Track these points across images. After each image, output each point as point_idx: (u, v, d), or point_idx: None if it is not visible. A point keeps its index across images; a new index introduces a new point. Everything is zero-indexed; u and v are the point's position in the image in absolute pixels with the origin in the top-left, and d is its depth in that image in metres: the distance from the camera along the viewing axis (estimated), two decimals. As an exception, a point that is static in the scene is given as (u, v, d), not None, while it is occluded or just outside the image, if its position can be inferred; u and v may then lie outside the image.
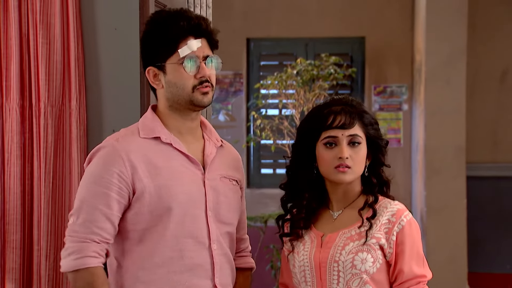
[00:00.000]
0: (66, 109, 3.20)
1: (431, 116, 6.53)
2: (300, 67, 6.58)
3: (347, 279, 2.33)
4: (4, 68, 3.20)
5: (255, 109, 7.20)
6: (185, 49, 2.36)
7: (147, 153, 2.37)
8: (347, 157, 2.38)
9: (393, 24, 7.37)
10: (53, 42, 3.18)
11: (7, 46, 3.19)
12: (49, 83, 3.18)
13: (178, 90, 2.39)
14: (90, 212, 2.32)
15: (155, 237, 2.34)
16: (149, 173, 2.34)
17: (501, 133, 7.15)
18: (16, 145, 3.18)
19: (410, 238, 2.34)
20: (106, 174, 2.33)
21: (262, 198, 7.44)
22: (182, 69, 2.37)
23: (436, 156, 6.48)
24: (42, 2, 3.18)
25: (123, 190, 2.33)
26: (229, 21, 7.25)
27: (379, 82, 7.43)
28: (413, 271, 2.33)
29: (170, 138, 2.40)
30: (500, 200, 7.12)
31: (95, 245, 2.32)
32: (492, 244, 7.05)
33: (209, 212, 2.39)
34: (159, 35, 2.40)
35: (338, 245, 2.35)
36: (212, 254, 2.39)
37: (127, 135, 2.43)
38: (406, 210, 2.39)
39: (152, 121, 2.44)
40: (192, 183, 2.39)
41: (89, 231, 2.32)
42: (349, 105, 2.43)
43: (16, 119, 3.18)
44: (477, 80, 6.99)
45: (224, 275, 2.42)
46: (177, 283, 2.34)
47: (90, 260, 2.30)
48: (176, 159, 2.39)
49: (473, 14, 6.73)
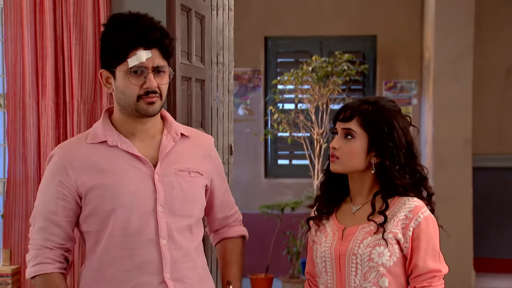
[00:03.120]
0: (97, 106, 3.21)
1: (439, 111, 6.51)
2: (315, 64, 6.58)
3: (364, 271, 2.30)
4: (40, 68, 3.22)
5: (272, 104, 7.21)
6: (134, 59, 2.25)
7: (91, 158, 2.30)
8: (335, 147, 2.36)
9: (403, 23, 7.35)
10: (86, 43, 3.20)
11: (43, 47, 3.21)
12: (81, 82, 3.20)
13: (125, 97, 2.29)
14: (42, 220, 2.30)
15: (105, 237, 2.28)
16: (93, 177, 2.28)
17: (505, 126, 7.12)
18: (51, 140, 3.21)
19: (426, 234, 2.29)
20: (52, 183, 2.31)
21: (279, 188, 7.45)
22: (129, 78, 2.27)
23: (444, 148, 6.46)
24: (76, 6, 3.19)
25: (67, 197, 2.29)
26: (248, 21, 7.25)
27: (390, 78, 7.41)
28: (427, 266, 2.29)
29: (116, 140, 2.32)
30: (504, 189, 7.09)
31: (49, 251, 2.29)
32: (497, 231, 7.04)
33: (159, 208, 2.29)
34: (111, 42, 2.29)
35: (357, 238, 2.33)
36: (161, 250, 2.28)
37: (73, 142, 2.39)
38: (424, 207, 2.32)
39: (102, 125, 2.36)
40: (139, 182, 2.30)
41: (43, 238, 2.29)
42: (366, 103, 2.38)
43: (51, 115, 3.21)
44: (483, 76, 6.96)
45: (178, 270, 2.31)
46: (126, 280, 2.27)
47: (45, 266, 2.28)
48: (123, 160, 2.31)
49: (480, 14, 6.70)
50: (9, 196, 3.24)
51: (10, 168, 3.24)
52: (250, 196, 7.16)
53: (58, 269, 2.29)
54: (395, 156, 2.33)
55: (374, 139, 2.35)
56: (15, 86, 3.23)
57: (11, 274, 3.17)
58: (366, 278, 2.30)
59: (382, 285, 2.30)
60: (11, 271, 3.18)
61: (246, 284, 6.74)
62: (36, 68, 3.22)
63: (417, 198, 2.34)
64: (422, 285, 2.30)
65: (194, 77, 3.49)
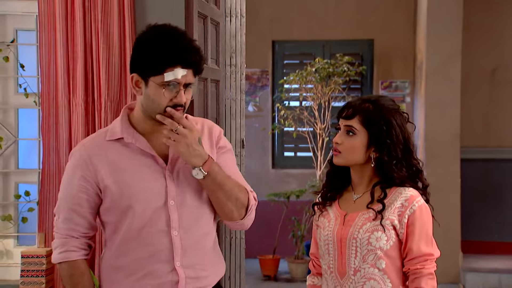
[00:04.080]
0: (123, 104, 3.21)
1: (431, 108, 6.49)
2: (318, 65, 6.57)
3: (363, 254, 2.30)
4: (72, 70, 3.23)
5: (279, 101, 7.20)
6: (170, 75, 2.17)
7: (110, 154, 2.27)
8: (338, 142, 2.36)
9: (398, 28, 7.32)
10: (112, 47, 3.20)
11: (73, 51, 3.22)
12: (108, 82, 3.20)
13: (153, 105, 2.21)
14: (66, 211, 2.29)
15: (123, 229, 2.25)
16: (111, 173, 2.24)
17: (491, 122, 7.09)
18: (81, 134, 3.21)
19: (420, 221, 2.29)
20: (74, 177, 2.27)
21: (285, 177, 7.45)
22: (162, 91, 2.19)
23: (435, 142, 6.45)
24: (103, 13, 3.19)
25: (89, 190, 2.26)
26: (257, 26, 7.24)
27: (386, 78, 7.39)
28: (421, 250, 2.29)
29: (132, 138, 2.27)
30: (489, 179, 7.07)
31: (74, 240, 2.27)
32: (482, 217, 7.02)
33: (170, 202, 2.25)
34: (150, 54, 2.19)
35: (357, 224, 2.33)
36: (172, 240, 2.25)
37: (94, 138, 2.35)
38: (419, 196, 2.32)
39: (120, 123, 2.30)
40: (152, 179, 2.26)
41: (68, 228, 2.28)
42: (367, 101, 2.37)
43: (81, 113, 3.21)
44: (471, 76, 6.94)
45: (189, 257, 2.27)
46: (141, 267, 2.24)
47: (71, 254, 2.27)
48: (138, 157, 2.26)
49: (468, 19, 6.67)
50: (44, 185, 3.26)
51: (44, 161, 3.25)
52: (259, 185, 7.11)
53: (83, 256, 2.29)
54: (392, 151, 2.33)
55: (374, 136, 2.34)
56: (49, 86, 3.24)
57: (45, 255, 3.19)
58: (365, 260, 2.31)
59: (379, 266, 2.30)
60: (45, 253, 3.19)
61: (256, 264, 6.75)
62: (67, 69, 3.23)
63: (413, 188, 2.34)
64: (415, 267, 2.30)
65: (210, 78, 3.49)
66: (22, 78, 3.59)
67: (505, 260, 6.64)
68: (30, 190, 3.59)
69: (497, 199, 7.05)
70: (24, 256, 3.20)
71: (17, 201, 3.61)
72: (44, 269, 3.18)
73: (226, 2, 3.79)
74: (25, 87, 3.56)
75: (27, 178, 3.64)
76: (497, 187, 7.05)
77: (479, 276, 6.23)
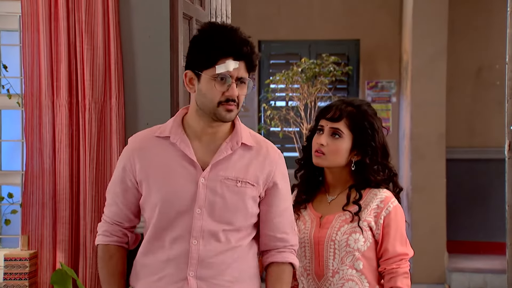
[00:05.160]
0: (107, 105, 3.21)
1: (416, 108, 6.50)
2: (304, 65, 6.56)
3: (342, 256, 2.34)
4: (55, 71, 3.21)
5: (265, 101, 7.19)
6: (222, 67, 2.17)
7: (153, 150, 2.26)
8: (323, 144, 2.38)
9: (384, 29, 7.33)
10: (96, 48, 3.19)
11: (57, 52, 3.20)
12: (93, 83, 3.19)
13: (206, 100, 2.20)
14: (110, 198, 2.31)
15: (151, 226, 2.25)
16: (147, 168, 2.24)
17: (476, 122, 7.12)
18: (65, 136, 3.20)
19: (394, 222, 2.35)
20: (120, 167, 2.29)
21: (271, 177, 7.44)
22: (214, 84, 2.18)
23: (420, 142, 6.46)
24: (87, 14, 3.17)
25: (128, 182, 2.27)
26: (243, 26, 7.10)
27: (372, 78, 7.40)
28: (396, 250, 2.34)
29: (178, 139, 2.25)
30: (474, 179, 7.10)
31: (109, 225, 2.30)
32: (468, 217, 7.04)
33: (197, 209, 2.20)
34: (203, 47, 2.20)
35: (335, 226, 2.36)
36: (190, 248, 2.20)
37: (145, 132, 2.34)
38: (393, 197, 2.38)
39: (173, 122, 2.29)
40: (184, 182, 2.22)
41: (108, 212, 2.31)
42: (351, 105, 2.40)
43: (65, 114, 3.20)
44: (456, 76, 6.95)
45: (205, 269, 2.21)
46: (159, 270, 2.23)
47: (103, 238, 2.30)
48: (178, 159, 2.24)
49: (453, 20, 6.69)
50: (27, 187, 3.23)
51: (28, 162, 3.23)
52: (245, 185, 7.16)
53: (115, 242, 2.29)
54: (374, 155, 2.38)
55: (358, 139, 2.38)
56: (32, 87, 3.22)
57: (29, 258, 3.17)
58: (344, 261, 2.35)
59: (357, 267, 2.35)
60: (28, 255, 3.17)
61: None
62: (51, 70, 3.21)
63: (387, 190, 2.40)
64: (391, 267, 2.35)
65: (195, 79, 3.46)
66: (5, 79, 3.55)
67: (490, 260, 6.66)
68: (13, 192, 3.56)
69: (482, 199, 7.07)
70: (7, 259, 3.17)
71: (0, 203, 3.57)
72: (27, 272, 3.16)
73: (211, 3, 3.77)
74: (8, 88, 3.52)
75: (10, 180, 3.61)
76: (482, 187, 7.07)
77: (465, 276, 6.26)
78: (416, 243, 6.44)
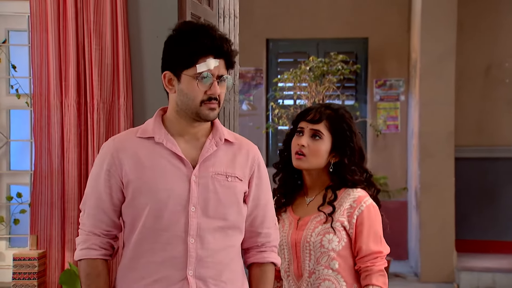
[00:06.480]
0: (115, 105, 3.20)
1: (425, 106, 6.49)
2: (312, 64, 6.55)
3: (317, 256, 2.40)
4: (64, 71, 3.21)
5: (273, 100, 7.19)
6: (203, 66, 2.16)
7: (137, 151, 2.22)
8: (304, 145, 2.43)
9: (392, 27, 7.32)
10: (105, 48, 3.18)
11: (66, 52, 3.20)
12: (101, 83, 3.18)
13: (188, 100, 2.18)
14: (91, 207, 2.23)
15: (138, 229, 2.20)
16: (135, 169, 2.20)
17: (485, 120, 7.10)
18: (73, 136, 3.20)
19: (368, 221, 2.39)
20: (101, 171, 2.22)
21: (279, 176, 7.44)
22: (195, 83, 2.17)
23: (428, 141, 6.45)
24: (95, 14, 3.17)
25: (114, 186, 2.21)
26: (251, 25, 7.22)
27: (380, 76, 7.39)
28: (370, 248, 2.38)
29: (163, 138, 2.22)
30: (483, 177, 7.09)
31: (96, 238, 2.22)
32: (476, 216, 7.03)
33: (191, 207, 2.19)
34: (182, 46, 2.18)
35: (309, 228, 2.41)
36: (188, 247, 2.18)
37: (124, 134, 2.32)
38: (367, 196, 2.43)
39: (153, 122, 2.26)
40: (176, 180, 2.20)
41: (92, 224, 2.23)
42: (329, 109, 2.47)
43: (73, 114, 3.20)
44: (465, 75, 6.94)
45: (203, 268, 2.20)
46: (154, 272, 2.19)
47: (90, 252, 2.21)
48: (165, 157, 2.21)
49: (462, 18, 6.67)
50: (36, 187, 3.24)
51: (37, 162, 3.24)
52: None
53: (103, 255, 2.23)
54: (351, 156, 2.45)
55: (338, 141, 2.45)
56: (41, 87, 3.22)
57: (38, 258, 3.17)
58: (319, 262, 2.40)
59: (333, 267, 2.40)
60: (37, 255, 3.18)
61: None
62: (59, 71, 3.21)
63: (361, 189, 2.44)
64: (366, 265, 2.40)
65: (203, 79, 3.46)
66: (14, 79, 3.56)
67: (499, 259, 6.65)
68: (22, 191, 3.57)
69: (491, 198, 7.06)
70: (16, 259, 3.18)
71: (9, 202, 3.59)
72: (36, 272, 3.16)
73: (219, 3, 3.77)
74: (17, 88, 3.54)
75: (19, 180, 3.62)
76: (491, 186, 7.06)
77: (473, 275, 6.24)
78: (425, 242, 6.45)
